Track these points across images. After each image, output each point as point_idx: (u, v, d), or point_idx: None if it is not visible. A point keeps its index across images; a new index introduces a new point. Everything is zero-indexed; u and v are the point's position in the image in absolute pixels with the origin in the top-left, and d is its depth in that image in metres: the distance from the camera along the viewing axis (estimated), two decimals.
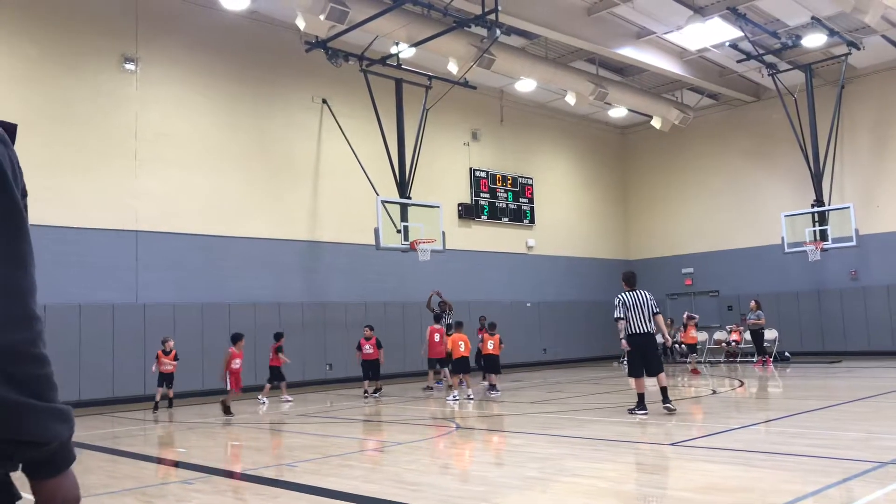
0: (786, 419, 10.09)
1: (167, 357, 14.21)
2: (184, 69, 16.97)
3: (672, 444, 8.44)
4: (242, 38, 17.89)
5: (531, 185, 24.48)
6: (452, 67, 18.05)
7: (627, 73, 22.69)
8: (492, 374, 14.86)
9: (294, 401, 14.98)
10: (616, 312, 10.95)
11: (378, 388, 15.55)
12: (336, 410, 13.57)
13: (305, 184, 18.76)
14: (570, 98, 21.23)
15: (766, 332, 22.24)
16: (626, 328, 10.80)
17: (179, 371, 15.99)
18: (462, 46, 17.49)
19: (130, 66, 16.06)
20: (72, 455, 1.43)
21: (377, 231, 16.99)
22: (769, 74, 20.85)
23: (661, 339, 11.96)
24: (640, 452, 8.20)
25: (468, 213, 22.36)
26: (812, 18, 18.28)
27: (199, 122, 17.08)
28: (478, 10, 15.94)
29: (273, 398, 15.18)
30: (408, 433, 10.61)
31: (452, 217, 21.60)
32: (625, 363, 15.93)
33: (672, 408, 10.41)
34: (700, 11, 17.67)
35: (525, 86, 21.83)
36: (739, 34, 18.94)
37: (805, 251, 20.19)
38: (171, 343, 14.43)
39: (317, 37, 16.86)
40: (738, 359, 21.55)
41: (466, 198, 22.54)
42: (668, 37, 19.63)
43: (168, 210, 16.27)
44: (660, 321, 10.90)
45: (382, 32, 16.52)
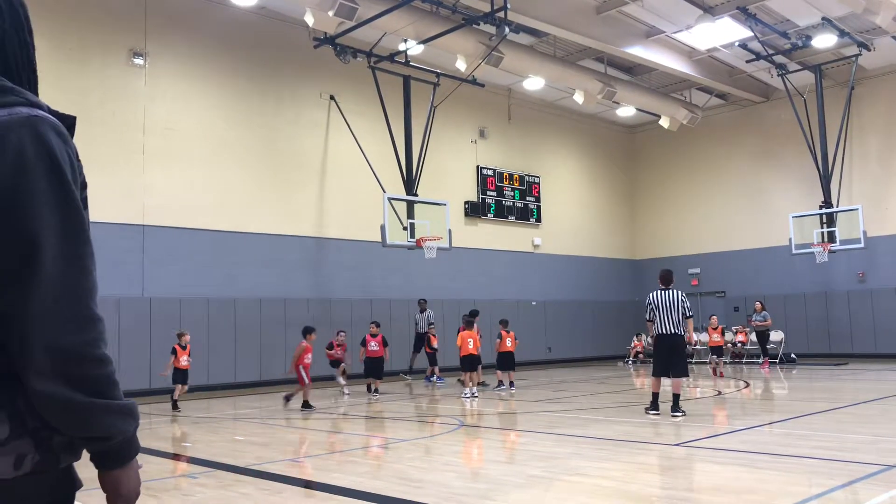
0: (791, 421, 10.05)
1: (185, 352, 13.51)
2: (192, 64, 17.00)
3: (678, 445, 8.42)
4: (251, 34, 17.91)
5: (538, 184, 24.43)
6: (461, 65, 18.02)
7: (636, 73, 22.62)
8: (510, 372, 15.26)
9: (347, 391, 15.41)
10: (646, 314, 10.76)
11: (376, 389, 15.19)
12: (341, 407, 13.58)
13: (312, 180, 18.77)
14: (579, 97, 21.17)
15: (773, 334, 22.18)
16: (655, 328, 10.67)
17: None
18: (470, 44, 17.46)
19: (139, 61, 16.10)
20: (136, 448, 1.49)
21: (383, 228, 16.99)
22: (778, 75, 20.75)
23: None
24: (646, 452, 8.18)
25: (475, 211, 22.34)
26: (822, 19, 18.19)
27: (207, 118, 17.11)
28: (486, 8, 15.92)
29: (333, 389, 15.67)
30: (412, 430, 10.61)
31: (459, 215, 21.58)
32: (630, 363, 15.92)
33: (678, 417, 10.31)
34: (710, 11, 17.59)
35: (533, 84, 21.79)
36: (749, 34, 18.86)
37: (812, 252, 20.09)
38: (188, 337, 13.75)
39: (325, 33, 16.86)
40: (744, 360, 21.48)
41: (473, 196, 22.52)
42: (678, 36, 19.56)
43: (175, 205, 16.30)
44: (689, 326, 10.78)
45: (391, 29, 16.51)
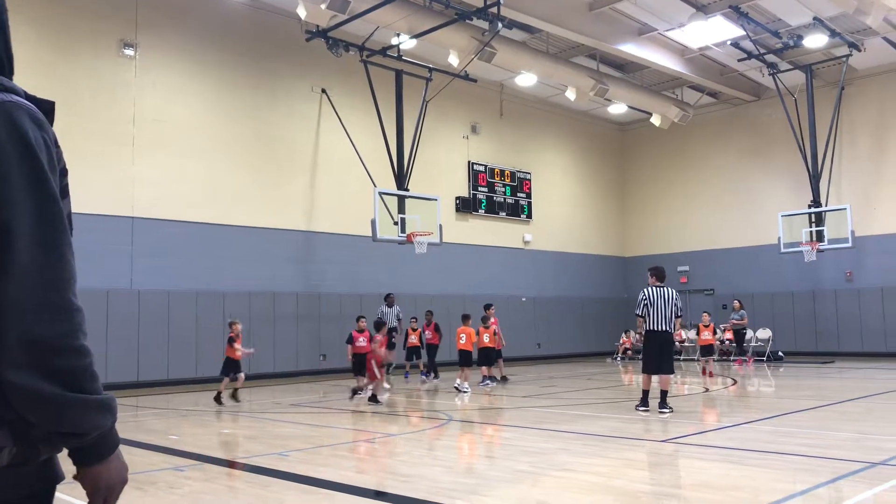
0: (778, 418, 10.11)
1: (239, 341, 13.01)
2: (183, 56, 16.89)
3: (665, 441, 8.46)
4: (243, 26, 17.81)
5: (529, 180, 24.45)
6: (453, 60, 17.99)
7: (628, 70, 22.65)
8: (484, 367, 15.10)
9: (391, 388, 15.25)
10: (638, 309, 10.74)
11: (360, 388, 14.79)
12: (329, 401, 13.56)
13: (303, 173, 18.72)
14: (571, 93, 21.18)
15: (761, 332, 22.36)
16: (645, 324, 10.67)
17: (173, 359, 16.02)
18: (463, 39, 17.43)
19: (129, 52, 15.99)
20: (114, 442, 1.45)
21: (374, 222, 16.96)
22: (770, 74, 20.83)
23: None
24: (633, 448, 8.21)
25: (466, 207, 22.34)
26: (814, 19, 18.25)
27: (198, 110, 17.02)
28: (479, 3, 15.90)
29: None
30: (400, 425, 10.61)
31: (450, 210, 21.57)
32: (618, 360, 15.93)
33: (666, 413, 10.35)
34: (702, 9, 17.63)
35: (525, 80, 21.78)
36: (741, 33, 18.90)
37: (801, 251, 20.21)
38: (240, 326, 13.23)
39: (317, 26, 16.80)
40: (732, 357, 21.60)
41: (464, 191, 22.52)
42: (670, 34, 19.59)
43: (164, 197, 16.22)
44: (678, 325, 10.79)
45: (383, 23, 16.46)
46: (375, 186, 17.66)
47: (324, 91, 19.00)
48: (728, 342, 21.85)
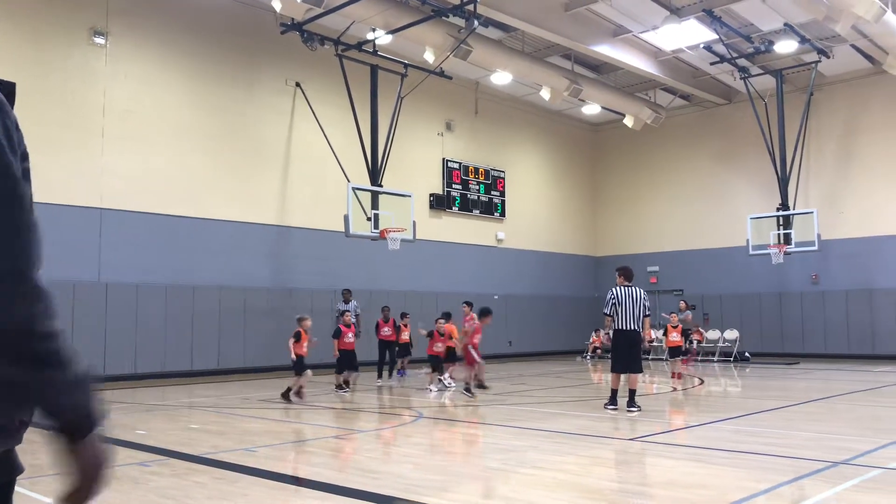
0: (743, 418, 10.26)
1: (307, 337, 13.00)
2: (155, 46, 16.65)
3: (633, 440, 8.54)
4: (217, 17, 17.61)
5: (503, 178, 24.52)
6: (429, 56, 17.97)
7: (602, 71, 22.80)
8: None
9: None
10: (607, 308, 10.81)
11: (346, 382, 14.47)
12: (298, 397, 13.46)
13: (276, 168, 18.57)
14: (545, 93, 21.28)
15: (728, 333, 22.72)
16: (614, 323, 10.72)
17: (140, 354, 15.81)
18: (439, 36, 17.41)
19: (100, 40, 15.72)
20: (93, 420, 1.40)
21: (347, 218, 16.89)
22: (741, 78, 21.11)
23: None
24: (602, 447, 8.28)
25: (439, 204, 22.33)
26: (785, 24, 18.53)
27: (170, 101, 16.79)
28: (456, 0, 15.88)
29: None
30: (371, 422, 10.59)
31: (424, 207, 21.56)
32: (588, 358, 16.02)
33: (634, 412, 10.45)
34: (676, 12, 17.80)
35: (501, 78, 21.83)
36: (714, 37, 19.13)
37: (769, 254, 20.52)
38: (309, 322, 13.13)
39: (293, 19, 16.67)
40: (699, 357, 21.85)
41: (438, 188, 22.51)
42: (644, 36, 19.76)
43: (134, 189, 15.98)
44: (646, 324, 10.87)
45: (359, 17, 16.38)
46: (349, 182, 17.58)
47: (298, 85, 18.86)
48: (696, 342, 22.06)
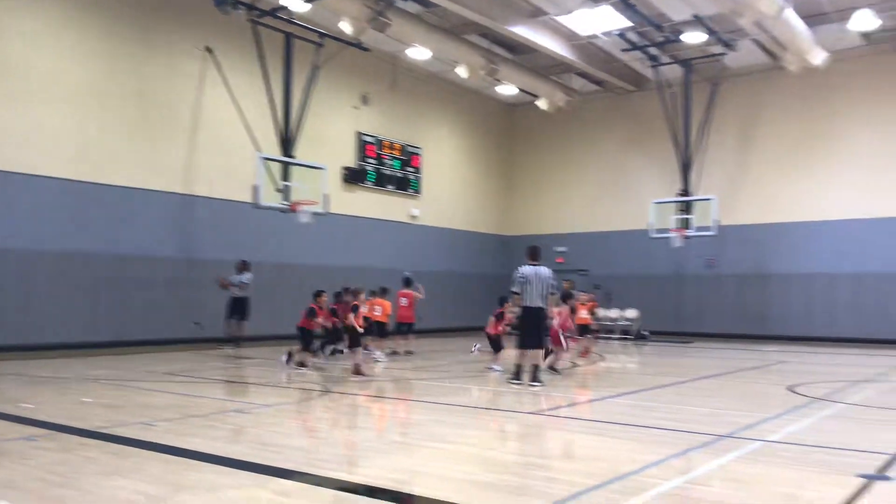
0: (640, 393, 10.70)
1: (322, 313, 13.16)
2: (53, 0, 15.65)
3: (535, 413, 8.77)
4: None
5: (419, 155, 24.46)
6: (346, 27, 17.65)
7: (519, 52, 22.98)
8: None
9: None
10: (514, 286, 11.06)
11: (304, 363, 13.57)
12: (203, 370, 13.16)
13: (182, 134, 17.87)
14: (462, 71, 21.30)
15: (629, 312, 23.77)
16: (522, 300, 10.97)
17: (31, 324, 15.09)
18: (357, 7, 17.11)
19: None
20: None
21: (256, 188, 16.47)
22: (651, 66, 21.74)
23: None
24: (505, 420, 8.47)
25: (353, 178, 22.08)
26: (694, 16, 19.14)
27: (69, 58, 15.84)
28: None
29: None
30: (275, 396, 10.46)
31: (337, 180, 21.27)
32: (476, 349, 16.41)
33: (537, 387, 10.71)
34: None
35: (418, 53, 21.67)
36: (628, 24, 19.57)
37: (669, 237, 21.36)
38: (326, 298, 13.31)
39: None
40: (599, 335, 22.51)
41: (352, 162, 22.25)
42: (561, 19, 20.01)
43: (29, 151, 15.04)
44: (551, 302, 11.16)
45: None
46: (259, 151, 17.14)
47: (209, 49, 18.17)
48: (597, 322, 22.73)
